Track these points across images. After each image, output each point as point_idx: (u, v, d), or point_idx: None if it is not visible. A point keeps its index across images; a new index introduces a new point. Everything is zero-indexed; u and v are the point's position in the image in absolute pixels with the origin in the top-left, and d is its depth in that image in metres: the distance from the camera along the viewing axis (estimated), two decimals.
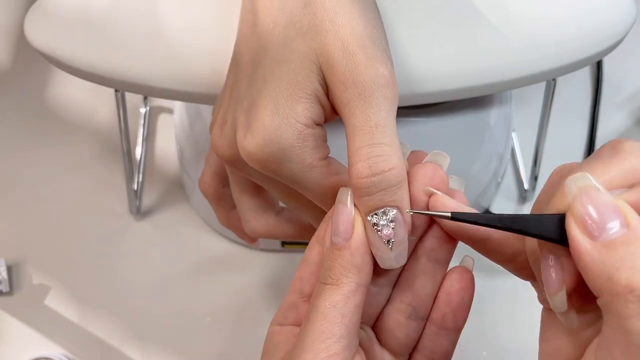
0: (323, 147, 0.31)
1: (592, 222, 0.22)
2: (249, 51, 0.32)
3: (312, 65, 0.30)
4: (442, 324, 0.31)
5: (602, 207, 0.22)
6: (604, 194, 0.23)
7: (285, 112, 0.29)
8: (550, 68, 0.42)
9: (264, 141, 0.29)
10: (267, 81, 0.30)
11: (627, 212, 0.22)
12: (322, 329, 0.27)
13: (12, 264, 0.59)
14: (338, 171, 0.31)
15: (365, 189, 0.28)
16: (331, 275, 0.28)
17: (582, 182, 0.23)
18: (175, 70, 0.40)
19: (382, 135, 0.28)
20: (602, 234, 0.22)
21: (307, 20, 0.30)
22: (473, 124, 0.54)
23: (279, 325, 0.31)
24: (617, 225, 0.22)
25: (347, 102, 0.29)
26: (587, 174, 0.23)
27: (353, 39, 0.29)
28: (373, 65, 0.29)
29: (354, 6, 0.30)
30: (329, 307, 0.28)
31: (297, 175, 0.30)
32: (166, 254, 0.60)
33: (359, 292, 0.28)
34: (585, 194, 0.23)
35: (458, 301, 0.31)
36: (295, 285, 0.31)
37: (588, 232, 0.22)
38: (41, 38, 0.42)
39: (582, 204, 0.23)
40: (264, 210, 0.38)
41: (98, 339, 0.56)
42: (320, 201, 0.32)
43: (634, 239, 0.22)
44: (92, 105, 0.68)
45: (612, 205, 0.22)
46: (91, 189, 0.63)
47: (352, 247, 0.28)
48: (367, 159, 0.28)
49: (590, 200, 0.23)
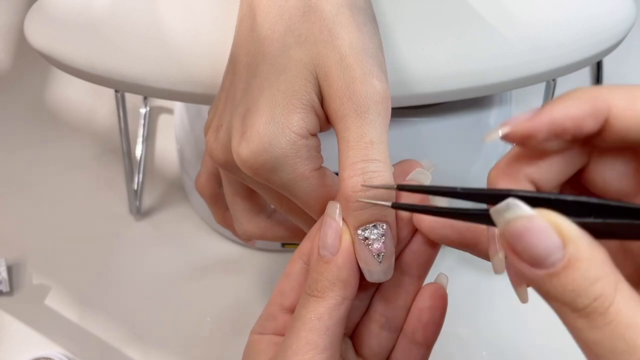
0: (316, 157, 0.31)
1: (529, 257, 0.21)
2: (246, 55, 0.32)
3: (308, 75, 0.30)
4: (413, 339, 0.31)
5: (532, 240, 0.21)
6: (531, 224, 0.21)
7: (280, 122, 0.29)
8: (550, 69, 0.42)
9: (257, 149, 0.29)
10: (264, 88, 0.30)
11: (562, 229, 0.21)
12: (306, 340, 0.28)
13: (12, 264, 0.59)
14: (329, 182, 0.31)
15: (358, 203, 0.28)
16: (317, 288, 0.28)
17: (506, 216, 0.22)
18: (175, 71, 0.40)
19: (377, 152, 0.28)
20: (544, 266, 0.21)
21: (306, 29, 0.30)
22: (473, 124, 0.54)
23: (258, 334, 0.31)
24: (556, 253, 0.21)
25: (342, 116, 0.29)
26: (510, 203, 0.22)
27: (351, 52, 0.29)
28: (369, 81, 0.29)
29: (353, 17, 0.30)
30: (313, 318, 0.28)
31: (289, 184, 0.30)
32: (166, 254, 0.60)
33: (344, 306, 0.29)
34: (512, 230, 0.21)
35: (429, 318, 0.31)
36: (276, 298, 0.31)
37: (529, 264, 0.22)
38: (41, 38, 0.42)
39: (513, 242, 0.22)
40: (256, 212, 0.39)
41: (98, 339, 0.56)
42: (310, 210, 0.32)
43: (576, 260, 0.21)
44: (92, 106, 0.68)
45: (543, 232, 0.21)
46: (91, 189, 0.63)
47: (339, 261, 0.28)
48: (361, 174, 0.28)
49: (519, 236, 0.21)
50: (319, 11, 0.30)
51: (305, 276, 0.30)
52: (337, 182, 0.31)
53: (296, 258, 0.31)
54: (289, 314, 0.31)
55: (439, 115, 0.51)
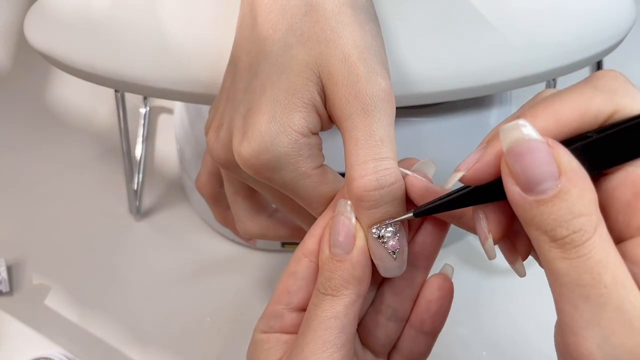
0: (318, 156, 0.31)
1: (524, 178, 0.22)
2: (247, 55, 0.32)
3: (311, 75, 0.30)
4: (421, 329, 0.32)
5: (531, 162, 0.22)
6: (534, 146, 0.22)
7: (282, 121, 0.29)
8: (550, 68, 0.42)
9: (259, 148, 0.29)
10: (266, 87, 0.30)
11: (561, 160, 0.22)
12: (323, 339, 0.28)
13: (12, 264, 0.59)
14: (331, 180, 0.31)
15: (372, 201, 0.28)
16: (332, 286, 0.29)
17: (513, 135, 0.22)
18: (175, 71, 0.40)
19: (386, 149, 0.28)
20: (535, 191, 0.22)
21: (308, 28, 0.30)
22: (473, 124, 0.54)
23: (263, 333, 0.31)
24: (549, 180, 0.22)
25: (348, 115, 0.29)
26: (519, 123, 0.23)
27: (354, 51, 0.29)
28: (374, 79, 0.29)
29: (355, 16, 0.30)
30: (330, 317, 0.28)
31: (290, 183, 0.30)
32: (166, 254, 0.60)
33: (358, 303, 0.29)
34: (515, 149, 0.22)
35: (437, 309, 0.31)
36: (281, 297, 0.31)
37: (522, 186, 0.22)
38: (41, 38, 0.42)
39: (513, 161, 0.22)
40: (257, 212, 0.39)
41: (98, 339, 0.56)
42: (311, 208, 0.32)
43: (566, 191, 0.22)
44: (92, 106, 0.68)
45: (543, 158, 0.22)
46: (91, 189, 0.63)
47: (354, 260, 0.29)
48: (374, 173, 0.28)
49: (520, 155, 0.22)
50: (321, 10, 0.30)
51: (312, 274, 0.30)
52: (338, 180, 0.31)
53: (300, 256, 0.31)
54: (296, 312, 0.31)
55: (439, 115, 0.51)
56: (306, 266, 0.31)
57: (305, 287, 0.31)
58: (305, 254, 0.31)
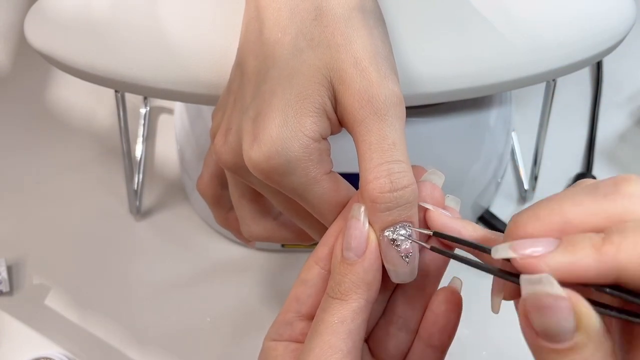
0: (327, 161, 0.31)
1: (542, 330, 0.22)
2: (255, 59, 0.32)
3: (322, 79, 0.30)
4: (429, 342, 0.31)
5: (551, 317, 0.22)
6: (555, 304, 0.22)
7: (293, 125, 0.29)
8: (550, 69, 0.42)
9: (270, 152, 0.29)
10: (276, 92, 0.30)
11: (581, 315, 0.22)
12: (329, 344, 0.28)
13: (12, 264, 0.59)
14: (340, 186, 0.31)
15: (386, 204, 0.28)
16: (341, 290, 0.28)
17: (537, 289, 0.22)
18: (175, 71, 0.40)
19: (399, 153, 0.29)
20: (552, 341, 0.22)
21: (318, 33, 0.30)
22: (473, 124, 0.54)
23: (273, 340, 0.31)
24: (567, 334, 0.22)
25: (362, 120, 0.29)
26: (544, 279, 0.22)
27: (366, 56, 0.29)
28: (386, 84, 0.29)
29: (365, 21, 0.30)
30: (337, 322, 0.28)
31: (300, 188, 0.30)
32: (166, 254, 0.60)
33: (367, 308, 0.29)
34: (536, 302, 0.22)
35: (444, 322, 0.31)
36: (292, 305, 0.31)
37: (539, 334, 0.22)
38: (41, 39, 0.42)
39: (532, 311, 0.22)
40: (263, 215, 0.39)
41: (98, 339, 0.56)
42: (319, 214, 0.32)
43: (582, 346, 0.22)
44: (92, 106, 0.68)
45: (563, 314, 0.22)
46: (91, 189, 0.63)
47: (366, 264, 0.28)
48: (388, 175, 0.28)
49: (541, 309, 0.22)
50: (331, 14, 0.30)
51: (322, 282, 0.30)
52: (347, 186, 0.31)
53: (312, 264, 0.31)
54: (306, 320, 0.31)
55: (439, 115, 0.51)
56: (317, 274, 0.30)
57: (315, 295, 0.30)
58: (316, 262, 0.31)
